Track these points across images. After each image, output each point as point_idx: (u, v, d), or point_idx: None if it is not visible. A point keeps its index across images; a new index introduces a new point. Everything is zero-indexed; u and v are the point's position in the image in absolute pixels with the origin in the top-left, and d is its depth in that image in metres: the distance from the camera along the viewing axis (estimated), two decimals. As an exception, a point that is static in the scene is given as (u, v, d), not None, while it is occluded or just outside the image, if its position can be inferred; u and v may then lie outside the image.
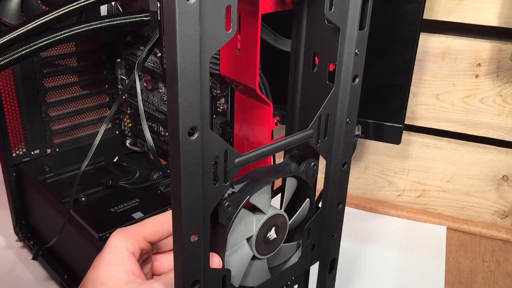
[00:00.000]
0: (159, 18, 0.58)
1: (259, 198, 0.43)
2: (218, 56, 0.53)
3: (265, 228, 0.45)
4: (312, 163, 0.47)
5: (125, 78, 0.80)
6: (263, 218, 0.45)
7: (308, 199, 0.49)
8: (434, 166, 0.94)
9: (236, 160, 0.39)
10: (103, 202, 0.67)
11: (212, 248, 0.41)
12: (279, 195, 0.49)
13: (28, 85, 0.73)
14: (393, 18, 0.74)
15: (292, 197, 0.49)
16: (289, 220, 0.48)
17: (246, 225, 0.44)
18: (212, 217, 0.39)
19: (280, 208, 0.47)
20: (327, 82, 0.45)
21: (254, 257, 0.46)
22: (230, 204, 0.40)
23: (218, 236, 0.42)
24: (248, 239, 0.45)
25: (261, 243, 0.45)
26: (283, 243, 0.48)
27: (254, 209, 0.45)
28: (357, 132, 0.49)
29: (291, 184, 0.48)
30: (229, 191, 0.41)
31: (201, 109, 0.34)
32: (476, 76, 0.85)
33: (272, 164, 0.54)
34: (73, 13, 0.52)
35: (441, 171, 0.94)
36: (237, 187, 0.43)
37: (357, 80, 0.46)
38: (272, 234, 0.46)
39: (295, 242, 0.51)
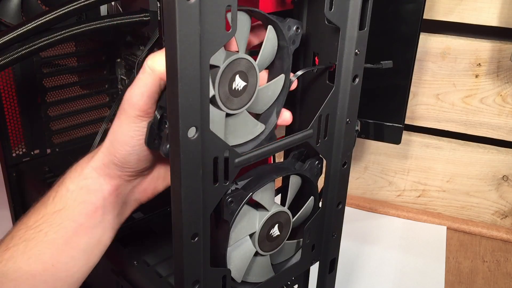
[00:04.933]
0: (159, 18, 0.58)
1: (263, 194, 0.44)
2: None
3: (268, 225, 0.45)
4: (317, 162, 0.47)
5: (125, 78, 0.80)
6: (266, 215, 0.45)
7: (312, 197, 0.49)
8: (434, 166, 0.94)
9: (236, 160, 0.39)
10: (103, 202, 0.67)
11: (215, 244, 0.42)
12: (279, 195, 0.49)
13: (28, 85, 0.73)
14: (393, 18, 0.74)
15: (295, 195, 0.49)
16: (293, 217, 0.48)
17: (249, 222, 0.44)
18: (215, 212, 0.39)
19: (284, 206, 0.47)
20: (327, 82, 0.45)
21: (257, 254, 0.46)
22: (232, 200, 0.40)
23: (221, 232, 0.42)
24: (251, 235, 0.45)
25: (264, 240, 0.45)
26: (287, 240, 0.48)
27: (257, 205, 0.45)
28: (356, 128, 0.49)
29: (295, 182, 0.47)
30: (233, 187, 0.41)
31: (201, 109, 0.34)
32: (476, 76, 0.85)
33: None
34: (73, 13, 0.52)
35: (441, 171, 0.94)
36: (240, 184, 0.43)
37: (357, 80, 0.46)
38: (275, 231, 0.46)
39: (297, 240, 0.51)
